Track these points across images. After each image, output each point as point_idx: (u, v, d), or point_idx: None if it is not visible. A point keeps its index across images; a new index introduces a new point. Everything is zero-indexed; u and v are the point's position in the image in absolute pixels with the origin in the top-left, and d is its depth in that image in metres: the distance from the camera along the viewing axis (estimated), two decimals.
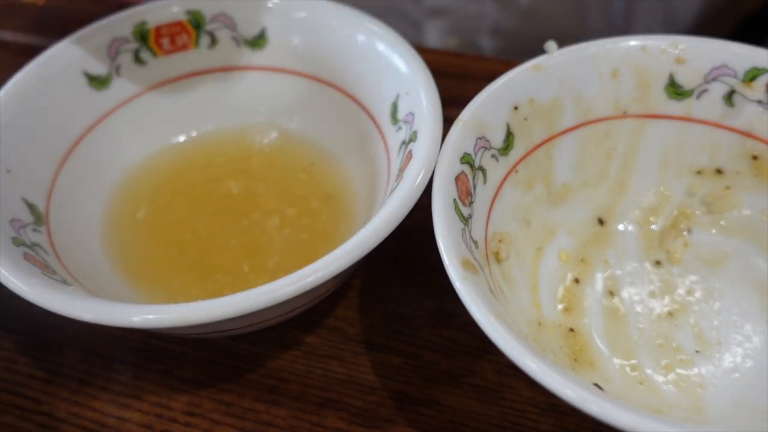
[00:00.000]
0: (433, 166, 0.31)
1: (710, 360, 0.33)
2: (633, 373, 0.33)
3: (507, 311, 0.30)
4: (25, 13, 0.57)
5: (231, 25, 0.41)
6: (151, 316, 0.28)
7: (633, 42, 0.35)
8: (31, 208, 0.35)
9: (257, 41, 0.42)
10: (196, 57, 0.42)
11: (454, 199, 0.30)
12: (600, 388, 0.31)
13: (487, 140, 0.33)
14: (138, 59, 0.41)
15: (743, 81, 0.34)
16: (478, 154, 0.32)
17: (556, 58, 0.35)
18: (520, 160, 0.35)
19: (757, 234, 0.36)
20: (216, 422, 0.34)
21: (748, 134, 0.35)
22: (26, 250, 0.33)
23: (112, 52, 0.40)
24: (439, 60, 0.51)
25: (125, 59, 0.41)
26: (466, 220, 0.30)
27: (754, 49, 0.34)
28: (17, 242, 0.33)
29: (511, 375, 0.35)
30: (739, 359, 0.33)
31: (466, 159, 0.31)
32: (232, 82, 0.43)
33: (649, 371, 0.33)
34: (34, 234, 0.34)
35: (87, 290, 0.33)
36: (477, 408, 0.34)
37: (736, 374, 0.33)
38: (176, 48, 0.42)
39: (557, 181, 0.36)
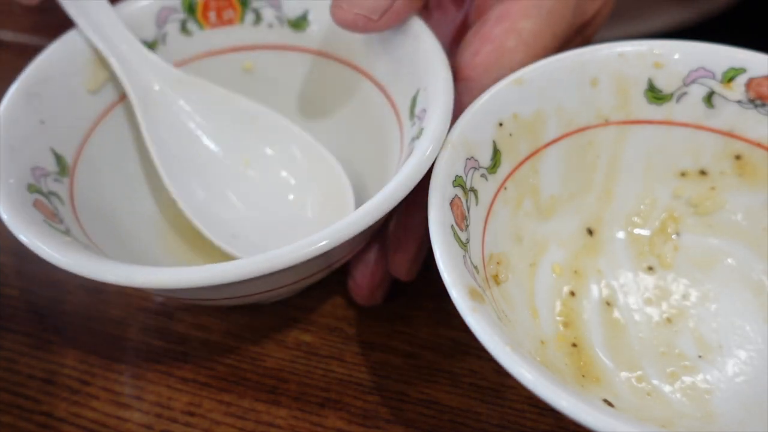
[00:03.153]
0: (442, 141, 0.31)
1: (714, 364, 0.33)
2: (640, 385, 0.33)
3: (514, 336, 0.29)
4: (25, 13, 0.57)
5: (276, 5, 0.41)
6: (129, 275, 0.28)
7: (610, 49, 0.35)
8: (59, 158, 0.35)
9: (299, 23, 0.42)
10: (240, 33, 0.42)
11: (452, 226, 0.29)
12: (610, 404, 0.31)
13: (476, 160, 0.32)
14: (185, 30, 0.41)
15: (722, 82, 0.34)
16: (469, 175, 0.31)
17: (536, 70, 0.34)
18: (508, 177, 0.34)
19: (745, 233, 0.36)
20: (216, 422, 0.34)
21: (729, 134, 0.35)
22: (39, 197, 0.33)
23: (161, 20, 0.41)
24: None
25: (172, 28, 0.41)
26: (464, 245, 0.29)
27: (731, 49, 0.34)
28: (32, 189, 0.33)
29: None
30: (742, 361, 0.33)
31: (458, 182, 0.31)
32: (269, 60, 0.43)
33: (655, 381, 0.33)
34: (54, 183, 0.34)
35: (99, 250, 0.33)
36: (477, 408, 0.34)
37: (742, 377, 0.32)
38: (222, 22, 0.42)
39: (544, 194, 0.36)
